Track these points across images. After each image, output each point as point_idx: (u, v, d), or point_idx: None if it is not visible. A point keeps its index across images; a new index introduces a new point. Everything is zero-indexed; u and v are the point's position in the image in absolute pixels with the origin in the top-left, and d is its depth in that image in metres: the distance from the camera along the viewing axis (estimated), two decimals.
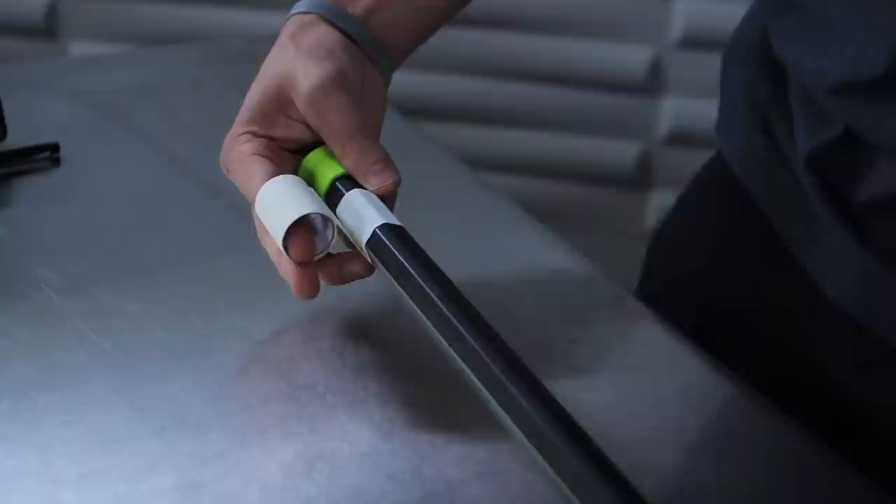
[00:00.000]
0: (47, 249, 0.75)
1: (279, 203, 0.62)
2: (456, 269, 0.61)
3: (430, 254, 0.61)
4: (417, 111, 1.63)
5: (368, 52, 0.67)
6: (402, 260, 0.60)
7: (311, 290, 0.63)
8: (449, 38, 1.64)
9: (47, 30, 1.70)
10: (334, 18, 0.67)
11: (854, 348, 0.71)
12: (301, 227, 0.62)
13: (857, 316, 0.70)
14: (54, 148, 0.86)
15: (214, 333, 0.67)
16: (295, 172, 0.66)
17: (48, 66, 1.16)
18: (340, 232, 0.64)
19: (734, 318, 0.76)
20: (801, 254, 0.73)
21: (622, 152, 1.67)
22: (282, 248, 0.62)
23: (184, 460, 0.58)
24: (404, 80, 1.65)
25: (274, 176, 0.64)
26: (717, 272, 0.81)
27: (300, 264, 0.62)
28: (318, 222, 0.63)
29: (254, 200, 0.64)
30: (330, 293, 0.65)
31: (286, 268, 0.63)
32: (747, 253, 0.79)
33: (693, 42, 1.59)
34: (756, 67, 0.76)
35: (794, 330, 0.75)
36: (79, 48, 1.70)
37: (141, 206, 0.82)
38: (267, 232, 0.64)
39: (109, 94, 0.96)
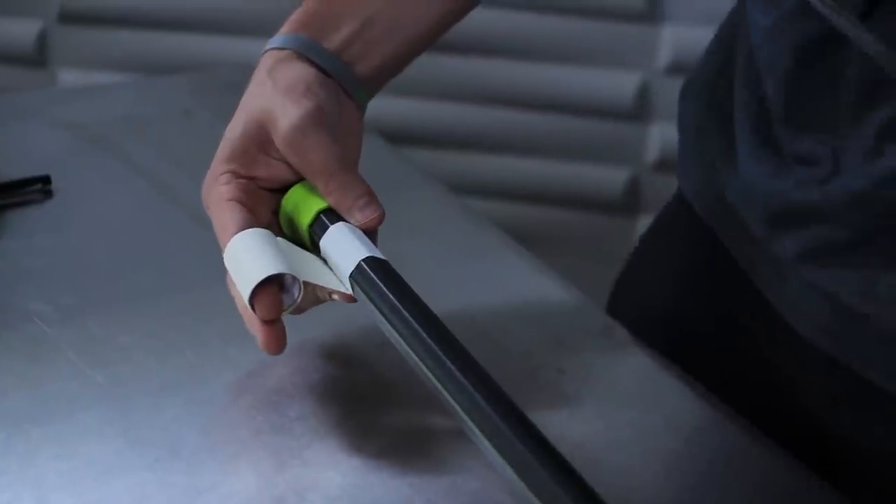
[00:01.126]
0: (39, 281, 0.76)
1: (247, 259, 0.62)
2: (442, 297, 0.62)
3: (415, 281, 0.61)
4: (403, 137, 1.63)
5: (344, 85, 0.68)
6: (388, 293, 0.61)
7: (278, 346, 0.62)
8: (436, 64, 1.65)
9: (37, 58, 1.70)
10: (310, 54, 0.68)
11: (827, 382, 0.72)
12: (268, 286, 0.61)
13: (829, 350, 0.70)
14: (46, 180, 0.86)
15: (207, 364, 0.68)
16: (273, 212, 0.67)
17: (39, 96, 1.17)
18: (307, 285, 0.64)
19: (702, 356, 0.76)
20: (770, 292, 0.73)
21: (610, 178, 1.68)
22: (247, 305, 0.62)
23: (177, 493, 0.58)
24: (390, 106, 1.67)
25: (247, 225, 0.64)
26: (683, 309, 0.81)
27: (266, 322, 0.62)
28: (287, 279, 0.63)
29: (225, 246, 0.64)
30: (320, 325, 0.66)
31: (253, 323, 0.63)
32: (714, 289, 0.79)
33: (681, 69, 1.60)
34: (705, 105, 0.77)
35: (766, 366, 0.75)
36: (68, 76, 1.71)
37: (133, 237, 0.82)
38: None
39: (101, 125, 0.97)
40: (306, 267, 0.64)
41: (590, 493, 0.50)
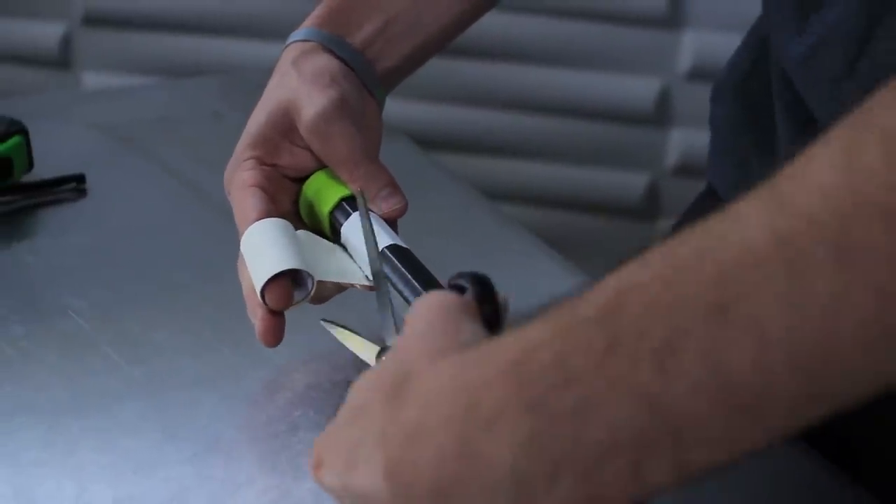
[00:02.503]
0: (75, 277, 0.76)
1: (265, 249, 0.63)
2: None
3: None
4: (431, 142, 1.64)
5: (365, 81, 0.69)
6: (412, 279, 0.61)
7: (276, 338, 0.63)
8: (459, 70, 1.66)
9: (61, 60, 1.71)
10: (334, 47, 0.69)
11: None
12: (282, 278, 0.62)
13: None
14: (80, 179, 0.87)
15: (242, 360, 0.68)
16: (294, 201, 0.68)
17: (69, 98, 1.18)
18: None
19: None
20: None
21: (631, 183, 1.69)
22: (258, 293, 0.62)
23: (216, 486, 0.59)
24: (416, 111, 1.67)
25: (268, 212, 0.65)
26: None
27: (272, 312, 0.63)
28: (302, 274, 0.63)
29: (243, 233, 0.65)
30: (354, 321, 0.66)
31: (256, 310, 0.64)
32: None
33: (701, 74, 1.60)
34: (740, 105, 0.78)
35: None
36: (92, 78, 1.72)
37: (165, 235, 0.83)
38: (245, 265, 0.65)
39: (131, 126, 0.98)
40: (325, 261, 0.65)
41: None
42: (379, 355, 0.62)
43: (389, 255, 0.63)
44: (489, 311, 0.46)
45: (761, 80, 0.76)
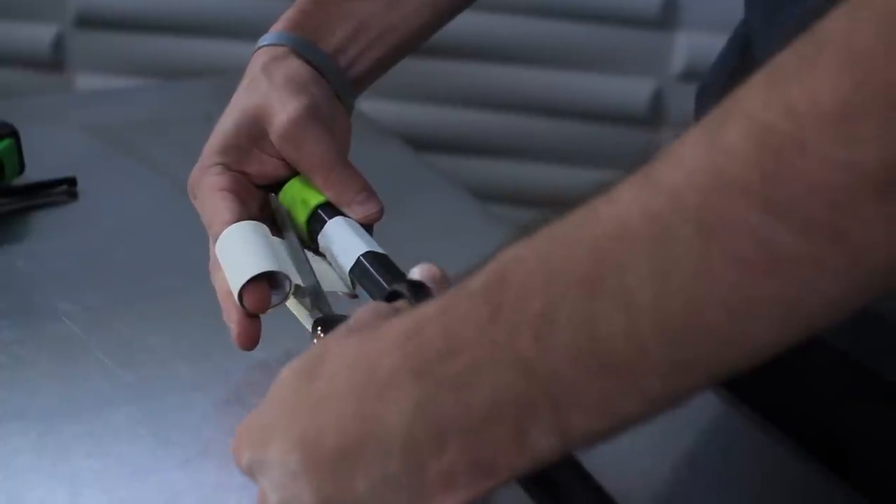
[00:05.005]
0: (66, 281, 0.76)
1: (241, 251, 0.63)
2: None
3: None
4: (423, 143, 1.64)
5: (336, 88, 0.69)
6: (387, 287, 0.61)
7: (252, 342, 0.63)
8: (452, 71, 1.66)
9: (54, 62, 1.71)
10: (307, 53, 0.68)
11: (838, 375, 0.72)
12: (259, 281, 0.62)
13: (842, 345, 0.70)
14: (72, 182, 0.87)
15: (233, 364, 0.68)
16: (260, 208, 0.67)
17: (61, 100, 1.18)
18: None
19: None
20: None
21: None
22: (235, 296, 0.62)
23: (208, 491, 0.59)
24: (409, 113, 1.67)
25: (240, 215, 0.64)
26: None
27: (249, 315, 0.63)
28: (279, 277, 0.63)
29: (215, 235, 0.64)
30: None
31: (232, 314, 0.63)
32: None
33: (694, 75, 1.60)
34: None
35: (775, 360, 0.75)
36: (85, 80, 1.72)
37: (157, 238, 0.83)
38: (219, 268, 0.64)
39: (123, 128, 0.97)
40: (303, 268, 0.64)
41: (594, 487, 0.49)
42: (314, 328, 0.62)
43: (365, 262, 0.62)
44: None
45: (745, 79, 0.76)
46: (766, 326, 0.41)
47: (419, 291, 0.49)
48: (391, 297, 0.51)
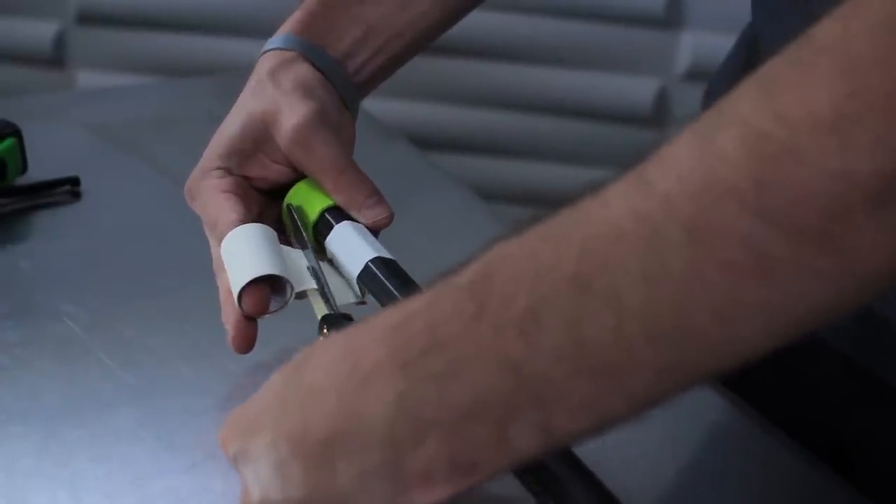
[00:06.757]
0: (69, 282, 0.75)
1: (246, 253, 0.62)
2: None
3: None
4: (428, 142, 1.63)
5: (342, 94, 0.69)
6: (396, 293, 0.60)
7: (248, 345, 0.63)
8: (460, 71, 1.65)
9: (55, 59, 1.70)
10: (315, 58, 0.68)
11: (843, 382, 0.71)
12: (260, 284, 0.62)
13: (847, 352, 0.70)
14: (75, 181, 0.86)
15: (238, 368, 0.67)
16: (261, 213, 0.67)
17: (63, 98, 1.17)
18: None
19: None
20: None
21: None
22: (235, 297, 0.62)
23: (215, 498, 0.58)
24: (416, 112, 1.67)
25: (245, 218, 0.64)
26: None
27: (247, 317, 0.62)
28: (282, 281, 0.63)
29: (220, 236, 0.64)
30: None
31: (230, 315, 0.63)
32: None
33: (699, 74, 1.60)
34: None
35: (781, 366, 0.75)
36: (87, 78, 1.71)
37: (160, 238, 0.82)
38: (223, 269, 0.64)
39: (126, 127, 0.97)
40: (307, 275, 0.63)
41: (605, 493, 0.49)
42: (320, 325, 0.61)
43: (373, 267, 0.62)
44: None
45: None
46: (755, 331, 0.41)
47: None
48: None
